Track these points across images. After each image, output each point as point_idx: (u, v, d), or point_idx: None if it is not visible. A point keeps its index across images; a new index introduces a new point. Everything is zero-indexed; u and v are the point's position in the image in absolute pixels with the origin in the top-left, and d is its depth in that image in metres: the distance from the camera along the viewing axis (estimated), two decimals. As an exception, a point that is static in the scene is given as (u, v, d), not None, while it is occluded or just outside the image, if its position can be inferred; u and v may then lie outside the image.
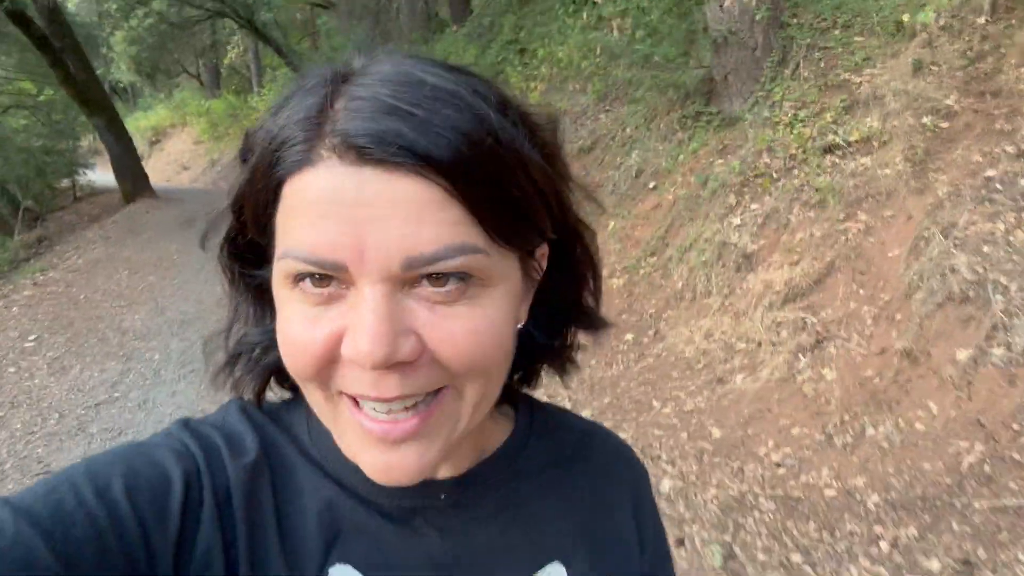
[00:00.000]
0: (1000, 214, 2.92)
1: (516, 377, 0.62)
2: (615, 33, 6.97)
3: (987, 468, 2.32)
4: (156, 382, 4.05)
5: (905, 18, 4.10)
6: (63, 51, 11.54)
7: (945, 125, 3.59)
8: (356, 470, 0.50)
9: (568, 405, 3.49)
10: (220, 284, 0.53)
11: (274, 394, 0.58)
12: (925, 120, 3.64)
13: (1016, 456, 2.30)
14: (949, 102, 3.64)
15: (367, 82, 0.42)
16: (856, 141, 3.87)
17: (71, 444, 3.42)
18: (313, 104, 0.42)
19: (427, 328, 0.42)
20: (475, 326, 0.43)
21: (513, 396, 0.63)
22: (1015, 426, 2.38)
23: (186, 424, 0.52)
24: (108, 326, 4.82)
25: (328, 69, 0.45)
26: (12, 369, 4.25)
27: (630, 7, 6.95)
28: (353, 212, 0.40)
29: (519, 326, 0.50)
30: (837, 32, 4.73)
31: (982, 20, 3.93)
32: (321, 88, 0.43)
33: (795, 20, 4.96)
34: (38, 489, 0.43)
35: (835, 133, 4.00)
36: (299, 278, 0.42)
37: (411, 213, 0.40)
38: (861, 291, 3.27)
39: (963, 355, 2.65)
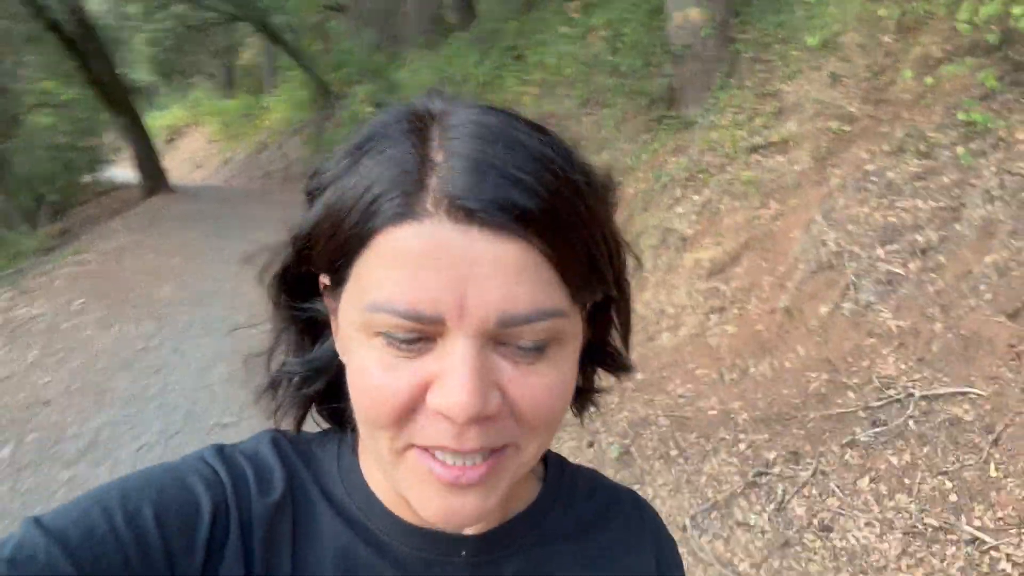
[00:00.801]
0: (867, 200, 3.68)
1: None
2: (599, 43, 7.75)
3: (824, 390, 3.09)
4: (185, 337, 4.96)
5: (810, 40, 4.85)
6: (90, 55, 12.46)
7: (847, 128, 4.34)
8: (380, 515, 0.53)
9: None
10: (235, 269, 0.70)
11: (314, 423, 0.60)
12: (831, 124, 4.39)
13: (846, 380, 3.07)
14: (852, 109, 4.39)
15: (461, 134, 0.44)
16: (776, 142, 4.64)
17: (120, 375, 4.39)
18: (409, 155, 0.44)
19: (511, 384, 0.44)
20: (552, 383, 0.46)
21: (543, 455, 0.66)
22: (850, 359, 3.14)
23: (220, 451, 0.54)
24: (140, 296, 5.76)
25: (407, 111, 0.47)
26: (66, 325, 5.25)
27: (613, 20, 7.76)
28: (456, 269, 0.42)
29: None
30: (777, 46, 5.48)
31: (888, 38, 4.67)
32: (409, 136, 0.45)
33: (743, 35, 5.71)
34: (72, 511, 0.45)
35: (761, 135, 4.76)
36: (387, 335, 0.44)
37: (510, 273, 0.42)
38: (764, 264, 4.04)
39: (824, 309, 3.41)
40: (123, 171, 16.42)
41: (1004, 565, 2.12)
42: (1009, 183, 3.14)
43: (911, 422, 2.68)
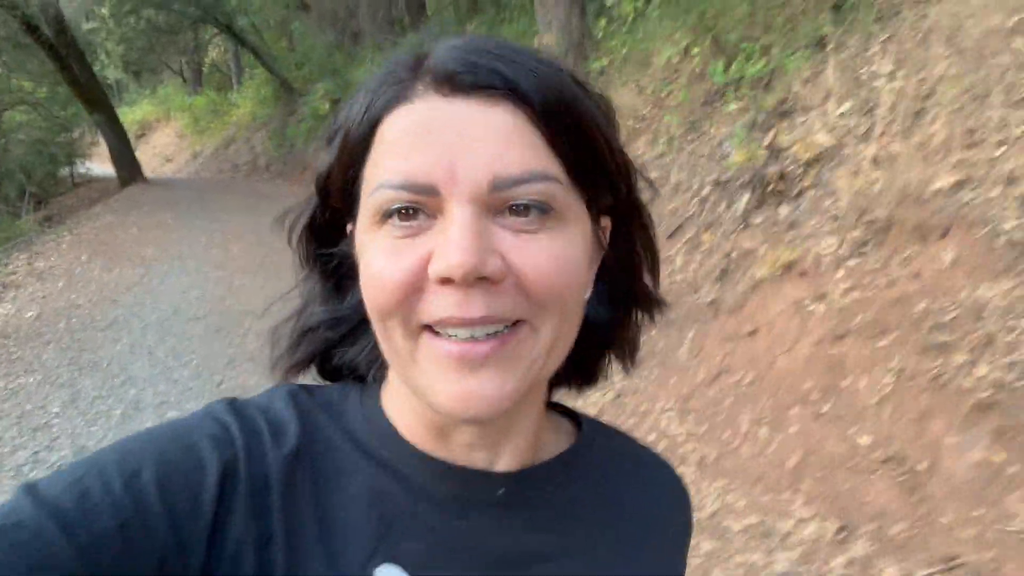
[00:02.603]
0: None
1: (577, 379, 0.65)
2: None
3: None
4: (167, 276, 7.17)
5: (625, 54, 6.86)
6: (68, 56, 14.22)
7: (639, 126, 6.33)
8: (410, 455, 0.55)
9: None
10: (203, 239, 1.39)
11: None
12: (630, 122, 6.38)
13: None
14: (644, 112, 6.38)
15: (455, 39, 0.50)
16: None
17: (124, 294, 6.56)
18: (404, 57, 0.50)
19: (512, 251, 0.46)
20: (556, 253, 0.47)
21: (571, 413, 0.67)
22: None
23: (231, 404, 0.54)
24: (130, 253, 7.82)
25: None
26: (78, 270, 7.44)
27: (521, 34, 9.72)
28: (446, 138, 0.46)
29: (586, 294, 0.55)
30: (619, 65, 7.47)
31: (686, 62, 6.68)
32: (413, 52, 0.51)
33: (596, 55, 7.70)
34: (66, 475, 0.45)
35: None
36: (387, 215, 0.47)
37: (500, 138, 0.46)
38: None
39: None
40: (97, 164, 18.19)
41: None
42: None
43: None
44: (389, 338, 0.49)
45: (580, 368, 0.63)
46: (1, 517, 0.42)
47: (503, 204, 0.46)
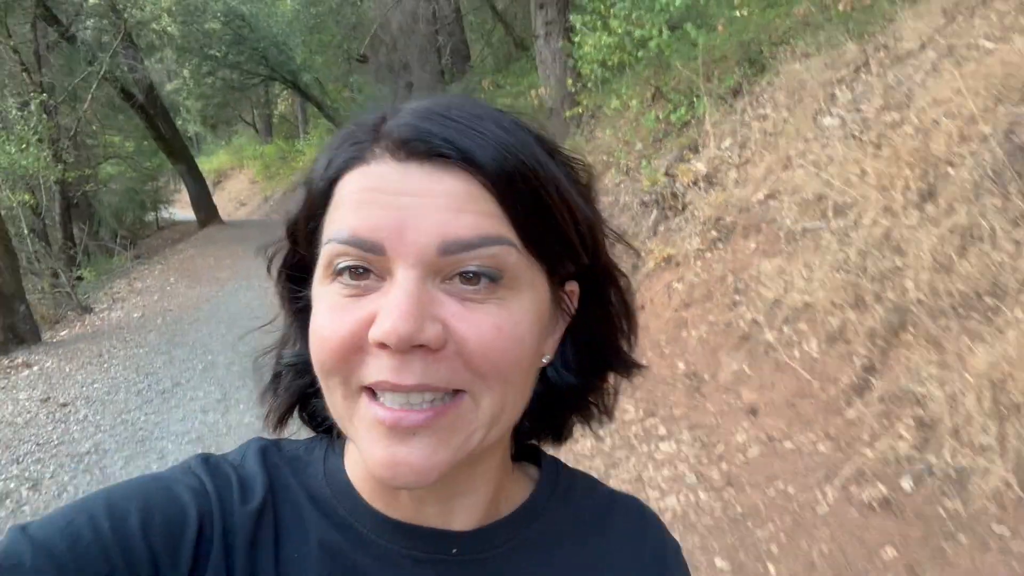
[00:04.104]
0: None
1: (546, 436, 0.66)
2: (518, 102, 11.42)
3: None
4: (237, 292, 9.18)
5: (610, 108, 8.43)
6: (155, 115, 16.72)
7: (609, 160, 7.85)
8: (363, 512, 0.56)
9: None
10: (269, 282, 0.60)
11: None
12: (604, 157, 7.90)
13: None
14: (615, 149, 7.90)
15: (419, 102, 0.52)
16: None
17: (204, 304, 8.63)
18: (369, 120, 0.52)
19: (455, 319, 0.46)
20: (500, 323, 0.47)
21: (538, 457, 0.67)
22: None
23: (206, 460, 0.57)
24: (208, 276, 9.98)
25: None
26: (168, 288, 9.89)
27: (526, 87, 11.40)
28: (396, 200, 0.47)
29: (545, 359, 0.56)
30: (601, 108, 9.03)
31: (640, 111, 8.19)
32: (377, 113, 0.52)
33: (582, 100, 9.30)
34: (58, 519, 0.47)
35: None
36: (338, 271, 0.48)
37: (451, 203, 0.47)
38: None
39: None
40: (178, 210, 20.75)
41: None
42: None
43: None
44: (331, 396, 0.51)
45: (545, 427, 0.64)
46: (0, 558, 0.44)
47: (452, 270, 0.47)
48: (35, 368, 6.59)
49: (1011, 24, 3.72)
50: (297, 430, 0.63)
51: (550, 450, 0.68)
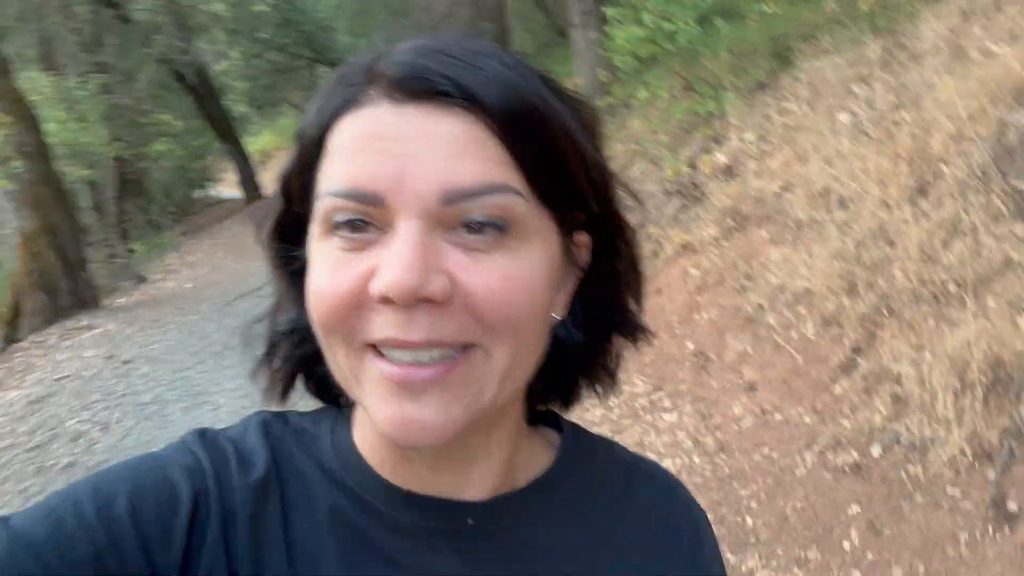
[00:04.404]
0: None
1: (555, 399, 0.64)
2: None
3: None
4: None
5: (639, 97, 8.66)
6: (204, 95, 17.34)
7: (638, 149, 8.10)
8: (375, 483, 0.54)
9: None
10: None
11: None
12: (633, 146, 8.15)
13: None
14: (643, 138, 8.15)
15: (415, 40, 0.49)
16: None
17: (251, 277, 8.97)
18: (362, 60, 0.49)
19: (461, 270, 0.44)
20: (509, 273, 0.46)
21: (557, 421, 0.65)
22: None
23: (202, 435, 0.55)
24: (254, 252, 10.19)
25: None
26: (217, 261, 10.47)
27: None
28: (394, 146, 0.44)
29: (556, 316, 0.54)
30: (633, 98, 9.25)
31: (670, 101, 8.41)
32: (371, 52, 0.50)
33: (614, 90, 9.52)
34: (40, 508, 0.46)
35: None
36: (336, 226, 0.46)
37: (453, 149, 0.44)
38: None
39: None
40: (224, 189, 21.44)
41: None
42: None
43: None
44: (333, 356, 0.49)
45: (555, 390, 0.62)
46: None
47: (456, 220, 0.45)
48: (98, 330, 7.17)
49: (1015, 28, 3.92)
50: (298, 401, 0.61)
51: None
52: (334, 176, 0.47)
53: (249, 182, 18.11)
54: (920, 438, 2.76)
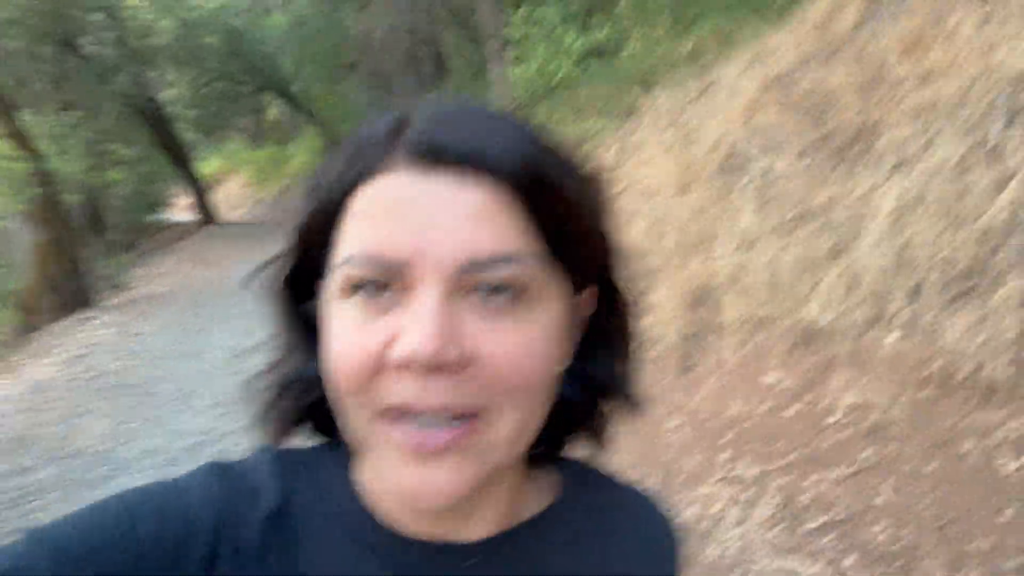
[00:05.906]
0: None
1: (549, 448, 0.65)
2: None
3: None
4: (239, 270, 11.38)
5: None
6: (156, 124, 18.73)
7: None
8: (375, 526, 0.57)
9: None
10: (264, 254, 0.58)
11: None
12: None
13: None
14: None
15: (439, 106, 0.52)
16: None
17: (215, 280, 10.93)
18: (387, 124, 0.51)
19: (478, 336, 0.47)
20: (525, 339, 0.48)
21: (555, 458, 0.67)
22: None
23: (219, 467, 0.57)
24: (216, 262, 12.59)
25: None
26: (184, 271, 12.29)
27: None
28: (418, 214, 0.46)
29: (561, 368, 0.55)
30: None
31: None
32: (394, 115, 0.52)
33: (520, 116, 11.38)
34: (71, 524, 0.49)
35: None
36: (355, 288, 0.48)
37: (473, 218, 0.46)
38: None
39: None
40: (174, 212, 22.56)
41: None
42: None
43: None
44: (351, 420, 0.51)
45: (550, 438, 0.63)
46: (12, 561, 0.45)
47: (473, 285, 0.47)
48: (104, 318, 9.39)
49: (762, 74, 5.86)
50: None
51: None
52: (356, 241, 0.48)
53: (200, 204, 19.60)
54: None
